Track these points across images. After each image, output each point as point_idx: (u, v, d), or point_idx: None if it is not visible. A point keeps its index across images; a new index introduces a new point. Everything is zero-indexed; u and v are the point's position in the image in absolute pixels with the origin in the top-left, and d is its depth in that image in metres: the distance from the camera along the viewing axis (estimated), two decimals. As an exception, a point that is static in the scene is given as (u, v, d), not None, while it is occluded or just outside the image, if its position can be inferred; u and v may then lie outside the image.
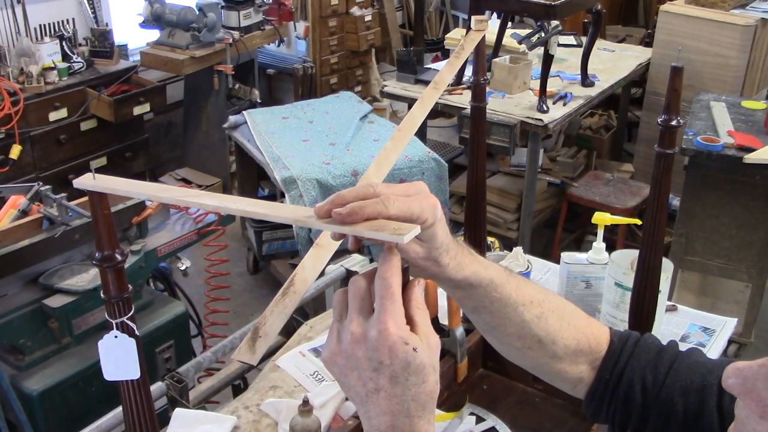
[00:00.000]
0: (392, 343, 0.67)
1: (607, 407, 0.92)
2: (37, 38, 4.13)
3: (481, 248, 1.45)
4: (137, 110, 4.19)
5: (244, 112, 3.96)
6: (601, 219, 1.72)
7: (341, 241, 0.74)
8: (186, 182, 4.68)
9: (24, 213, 2.19)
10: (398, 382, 0.68)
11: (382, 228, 0.68)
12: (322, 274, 2.59)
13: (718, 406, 0.85)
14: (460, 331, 1.47)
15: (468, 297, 0.84)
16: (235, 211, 0.76)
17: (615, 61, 4.41)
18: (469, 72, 2.29)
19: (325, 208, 0.70)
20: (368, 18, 5.58)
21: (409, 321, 0.69)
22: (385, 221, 0.69)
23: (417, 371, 0.68)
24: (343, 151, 3.49)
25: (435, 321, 1.45)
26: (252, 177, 4.32)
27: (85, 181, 0.78)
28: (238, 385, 1.82)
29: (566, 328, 0.89)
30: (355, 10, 5.51)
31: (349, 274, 1.96)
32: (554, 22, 3.38)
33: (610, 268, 1.60)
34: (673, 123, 1.13)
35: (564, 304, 0.91)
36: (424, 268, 0.77)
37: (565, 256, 1.74)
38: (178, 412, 1.46)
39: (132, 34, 4.70)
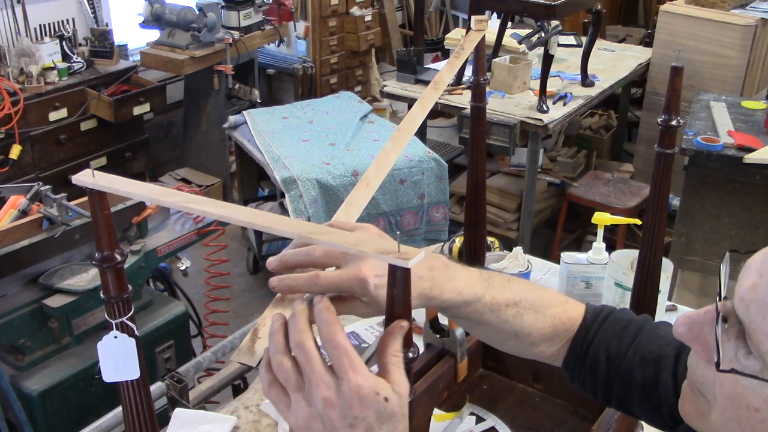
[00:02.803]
0: (364, 396, 0.68)
1: (578, 376, 0.97)
2: (37, 38, 4.13)
3: (481, 248, 1.45)
4: (137, 110, 4.19)
5: (244, 112, 3.96)
6: (601, 219, 1.72)
7: None
8: (186, 182, 4.67)
9: (24, 213, 2.19)
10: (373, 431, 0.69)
11: (387, 251, 0.68)
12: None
13: (673, 375, 0.89)
14: (460, 331, 1.47)
15: (443, 311, 0.90)
16: (238, 221, 0.76)
17: (615, 61, 4.41)
18: (469, 72, 2.29)
19: (275, 266, 0.80)
20: (368, 18, 5.58)
21: (383, 369, 0.71)
22: (390, 245, 0.69)
23: (389, 419, 0.69)
24: (343, 151, 3.49)
25: (435, 321, 1.45)
26: (252, 177, 4.32)
27: (84, 178, 0.78)
28: (238, 385, 1.82)
29: (541, 320, 0.93)
30: (355, 10, 5.51)
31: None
32: (554, 22, 3.38)
33: (610, 268, 1.60)
34: (673, 123, 1.13)
35: (541, 297, 0.95)
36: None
37: (565, 256, 1.73)
38: (178, 412, 1.46)
39: (132, 34, 4.70)
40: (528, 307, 0.92)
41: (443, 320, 1.49)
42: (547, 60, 3.50)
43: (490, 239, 1.81)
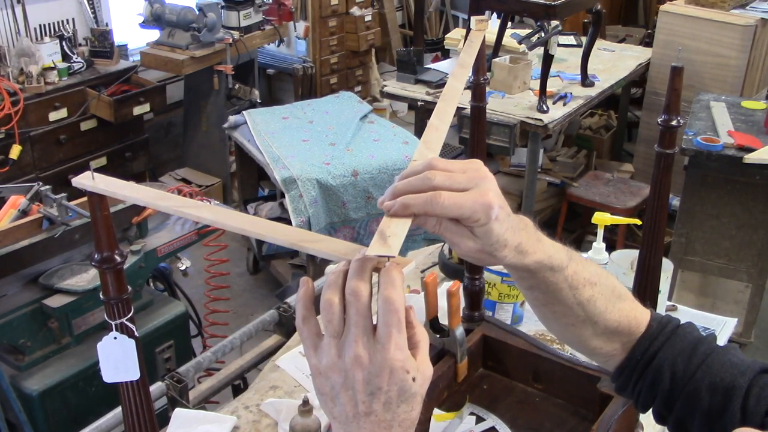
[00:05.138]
0: (396, 369, 0.66)
1: (633, 386, 0.94)
2: (37, 38, 4.13)
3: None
4: (137, 110, 4.19)
5: (244, 112, 3.96)
6: (601, 219, 1.72)
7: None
8: (186, 182, 4.67)
9: (24, 213, 2.19)
10: (390, 408, 0.68)
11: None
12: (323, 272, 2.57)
13: (742, 407, 0.87)
14: (460, 331, 1.46)
15: (524, 279, 0.86)
16: (231, 227, 0.75)
17: (615, 61, 4.41)
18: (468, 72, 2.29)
19: (386, 201, 0.73)
20: (368, 18, 5.58)
21: (413, 346, 0.69)
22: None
23: (409, 400, 0.68)
24: (343, 151, 3.49)
25: (435, 321, 1.45)
26: (252, 177, 4.32)
27: (84, 181, 0.78)
28: (238, 385, 1.82)
29: (611, 311, 0.91)
30: (355, 10, 5.51)
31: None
32: (554, 22, 3.38)
33: (610, 268, 1.60)
34: (673, 123, 1.13)
35: (614, 287, 0.93)
36: (479, 259, 0.78)
37: (565, 256, 1.73)
38: (178, 412, 1.46)
39: (132, 34, 4.70)
40: (603, 293, 0.90)
41: (443, 320, 1.49)
42: (547, 60, 3.50)
43: (490, 239, 1.81)
